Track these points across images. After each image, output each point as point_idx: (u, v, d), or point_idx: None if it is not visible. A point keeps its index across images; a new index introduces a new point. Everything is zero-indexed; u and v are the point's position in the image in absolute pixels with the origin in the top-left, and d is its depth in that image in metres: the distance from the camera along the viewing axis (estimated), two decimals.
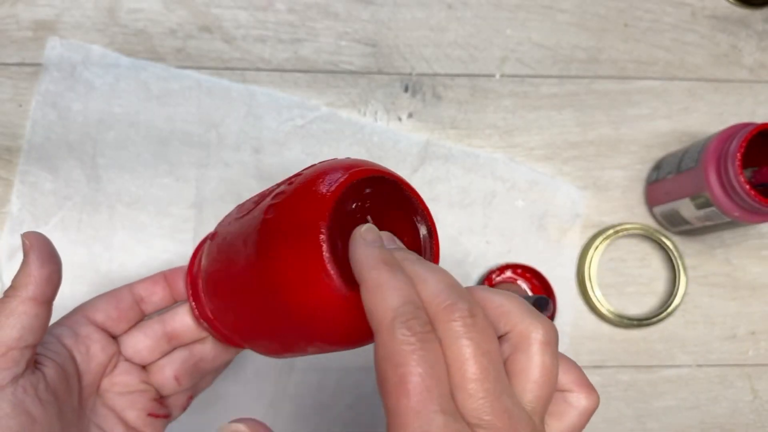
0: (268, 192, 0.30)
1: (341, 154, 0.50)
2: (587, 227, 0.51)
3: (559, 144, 0.52)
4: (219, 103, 0.49)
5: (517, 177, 0.51)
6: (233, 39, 0.50)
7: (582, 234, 0.51)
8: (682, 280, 0.51)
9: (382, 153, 0.50)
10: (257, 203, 0.29)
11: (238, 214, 0.31)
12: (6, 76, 0.49)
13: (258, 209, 0.28)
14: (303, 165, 0.48)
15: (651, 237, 0.51)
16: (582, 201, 0.51)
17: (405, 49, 0.51)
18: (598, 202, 0.52)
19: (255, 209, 0.29)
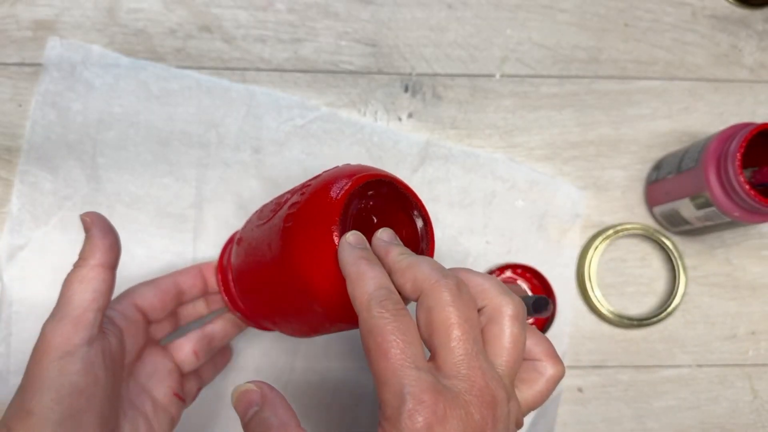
0: (283, 201, 0.35)
1: (341, 154, 0.50)
2: (587, 227, 0.51)
3: (560, 144, 0.52)
4: (219, 103, 0.49)
5: (517, 177, 0.51)
6: (233, 39, 0.50)
7: (582, 234, 0.51)
8: (681, 280, 0.51)
9: (382, 153, 0.50)
10: (275, 211, 0.34)
11: (258, 221, 0.36)
12: (6, 76, 0.49)
13: (277, 217, 0.34)
14: (303, 165, 0.49)
15: (651, 237, 0.51)
16: (582, 201, 0.51)
17: (405, 49, 0.51)
18: (598, 202, 0.52)
19: (274, 217, 0.34)
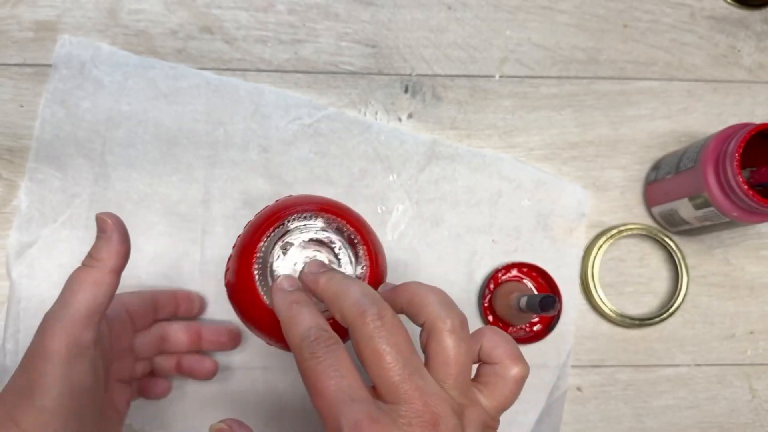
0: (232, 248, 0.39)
1: (349, 153, 0.50)
2: (587, 227, 0.52)
3: (559, 144, 0.52)
4: (227, 102, 0.49)
5: (523, 177, 0.51)
6: (234, 40, 0.51)
7: (585, 234, 0.51)
8: (684, 280, 0.51)
9: (389, 152, 0.50)
10: (227, 262, 0.39)
11: (226, 264, 0.40)
12: (7, 76, 0.49)
13: (226, 271, 0.39)
14: (310, 164, 0.49)
15: (654, 237, 0.51)
16: (587, 201, 0.51)
17: (405, 50, 0.52)
18: (597, 202, 0.52)
19: (226, 270, 0.39)
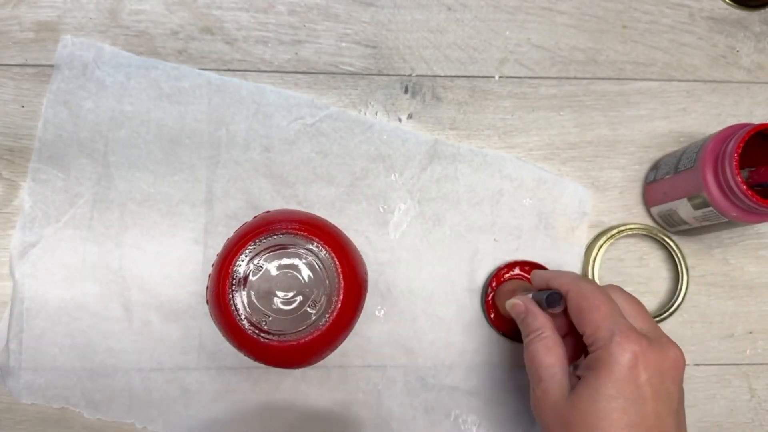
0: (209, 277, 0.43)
1: (350, 152, 0.50)
2: (587, 227, 0.52)
3: (558, 145, 0.52)
4: (229, 102, 0.50)
5: (525, 175, 0.51)
6: (234, 40, 0.51)
7: (586, 233, 0.52)
8: (684, 279, 0.51)
9: (391, 151, 0.51)
10: (207, 289, 0.43)
11: (207, 281, 0.44)
12: (8, 77, 0.49)
13: (207, 288, 0.43)
14: (312, 163, 0.49)
15: (654, 237, 0.51)
16: (588, 200, 0.51)
17: (405, 51, 0.52)
18: (596, 202, 0.52)
19: (207, 287, 0.43)
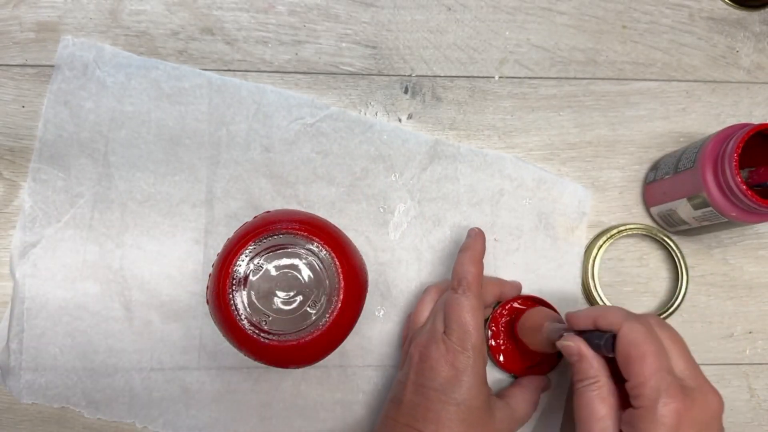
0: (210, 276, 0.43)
1: (351, 152, 0.50)
2: (587, 227, 0.52)
3: (558, 145, 0.52)
4: (229, 102, 0.50)
5: (525, 175, 0.51)
6: (235, 41, 0.51)
7: (586, 233, 0.52)
8: (684, 279, 0.51)
9: (391, 151, 0.51)
10: (207, 289, 0.43)
11: (207, 281, 0.44)
12: (9, 77, 0.49)
13: (207, 288, 0.44)
14: (313, 163, 0.49)
15: (654, 237, 0.51)
16: (588, 200, 0.52)
17: (405, 51, 0.52)
18: (596, 202, 0.52)
19: (207, 287, 0.44)
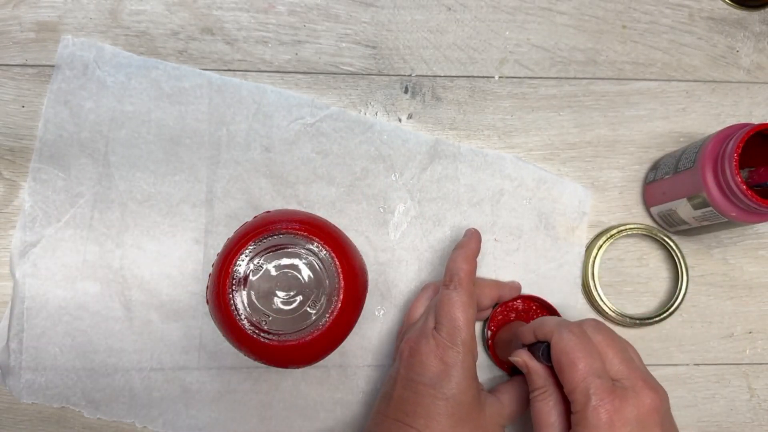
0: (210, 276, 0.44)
1: (351, 152, 0.50)
2: (587, 227, 0.52)
3: (558, 145, 0.52)
4: (229, 101, 0.50)
5: (525, 175, 0.51)
6: (235, 41, 0.51)
7: (586, 233, 0.52)
8: (684, 279, 0.51)
9: (391, 151, 0.51)
10: (207, 289, 0.44)
11: (207, 281, 0.44)
12: (9, 77, 0.49)
13: (207, 288, 0.44)
14: (313, 163, 0.50)
15: (654, 237, 0.51)
16: (588, 199, 0.52)
17: (405, 51, 0.52)
18: (596, 202, 0.52)
19: (207, 287, 0.44)
